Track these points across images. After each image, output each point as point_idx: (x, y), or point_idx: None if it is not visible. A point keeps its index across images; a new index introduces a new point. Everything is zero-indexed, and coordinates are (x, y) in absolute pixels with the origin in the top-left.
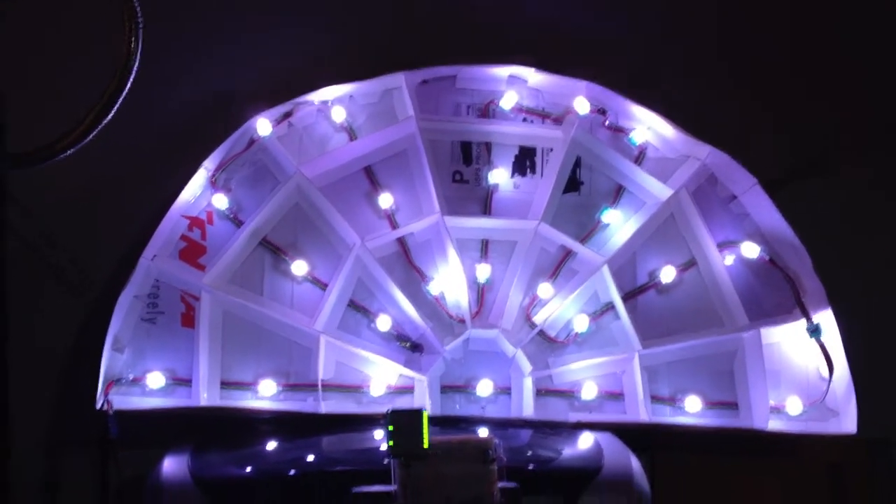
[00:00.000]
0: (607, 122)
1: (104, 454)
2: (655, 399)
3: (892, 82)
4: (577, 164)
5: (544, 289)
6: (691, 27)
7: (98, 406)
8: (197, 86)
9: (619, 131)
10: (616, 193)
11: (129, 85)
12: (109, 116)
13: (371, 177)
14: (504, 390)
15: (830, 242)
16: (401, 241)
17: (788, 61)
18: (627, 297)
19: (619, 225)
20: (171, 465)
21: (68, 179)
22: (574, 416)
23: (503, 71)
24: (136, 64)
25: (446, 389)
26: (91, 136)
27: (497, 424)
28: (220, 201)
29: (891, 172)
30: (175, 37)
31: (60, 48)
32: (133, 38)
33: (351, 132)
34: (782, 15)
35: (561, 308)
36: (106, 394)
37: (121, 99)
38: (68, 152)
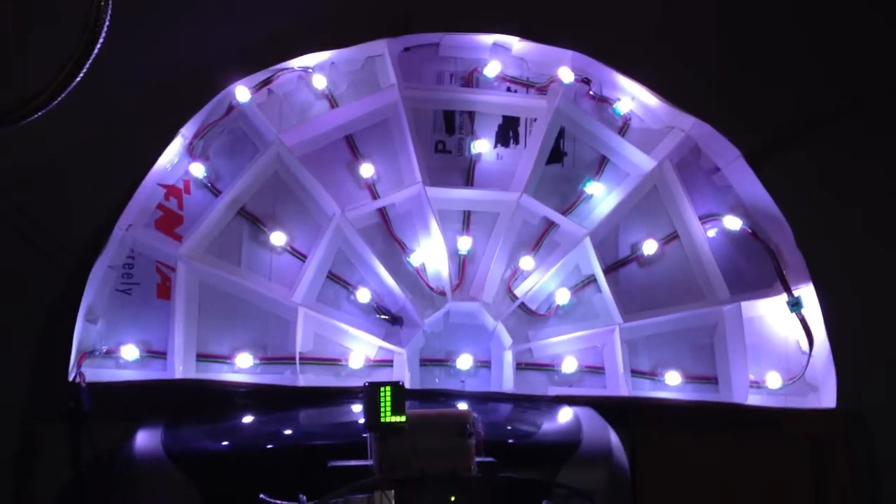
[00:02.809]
0: (591, 92)
1: (76, 427)
2: (636, 373)
3: (875, 56)
4: (561, 134)
5: (526, 261)
6: None
7: (71, 378)
8: (173, 50)
9: (603, 101)
10: (599, 165)
11: (98, 46)
12: (77, 79)
13: (352, 146)
14: (484, 364)
15: (812, 216)
16: (381, 212)
17: (774, 34)
18: (609, 270)
19: (602, 197)
20: (144, 439)
21: (41, 147)
22: (554, 390)
23: (487, 38)
24: (106, 23)
25: (426, 363)
26: (59, 100)
27: (476, 398)
28: (198, 170)
29: (873, 147)
30: (154, 2)
31: (28, 10)
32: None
33: (332, 100)
34: None
35: (542, 281)
36: (79, 366)
37: (89, 61)
38: (36, 116)
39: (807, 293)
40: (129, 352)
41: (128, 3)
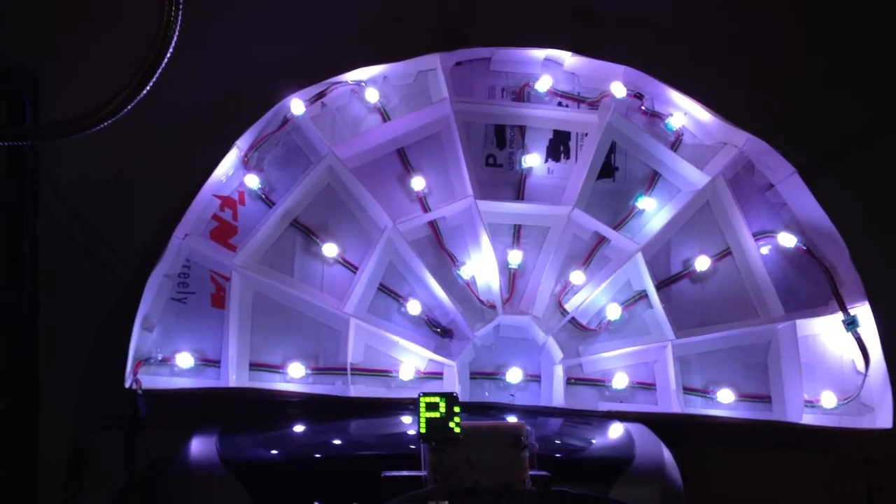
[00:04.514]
0: (643, 107)
1: (132, 433)
2: (687, 390)
3: None
4: (612, 149)
5: (577, 276)
6: (731, 13)
7: (127, 385)
8: (231, 64)
9: (655, 116)
10: (651, 180)
11: (167, 56)
12: (146, 89)
13: (404, 159)
14: (534, 378)
15: (868, 233)
16: (432, 225)
17: (829, 48)
18: (661, 286)
19: (654, 212)
20: (199, 446)
21: (100, 157)
22: (604, 406)
23: (539, 53)
24: (176, 35)
25: (475, 376)
26: (126, 110)
27: (526, 412)
28: (252, 181)
29: None
30: (211, 15)
31: (96, 23)
32: (172, 8)
33: (384, 113)
34: (824, 2)
35: (593, 295)
36: (135, 373)
37: (159, 71)
38: (103, 125)
39: (863, 312)
40: (184, 360)
41: (187, 17)
